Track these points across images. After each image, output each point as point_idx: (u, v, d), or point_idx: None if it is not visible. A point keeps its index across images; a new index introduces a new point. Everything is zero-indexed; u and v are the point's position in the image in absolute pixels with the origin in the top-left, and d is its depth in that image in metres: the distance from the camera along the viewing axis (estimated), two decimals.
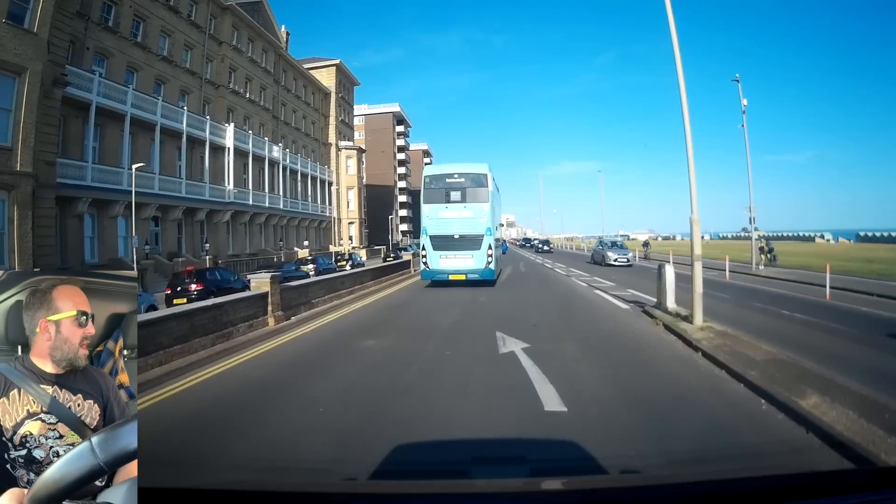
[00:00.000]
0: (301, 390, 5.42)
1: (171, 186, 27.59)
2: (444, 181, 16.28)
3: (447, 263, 15.65)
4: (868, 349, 7.08)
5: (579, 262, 28.64)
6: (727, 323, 7.96)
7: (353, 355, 7.13)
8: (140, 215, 25.97)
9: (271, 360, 7.05)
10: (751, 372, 5.13)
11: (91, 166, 22.75)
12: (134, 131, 26.14)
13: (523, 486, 1.58)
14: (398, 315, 11.22)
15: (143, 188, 25.49)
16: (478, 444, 3.75)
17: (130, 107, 25.47)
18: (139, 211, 25.81)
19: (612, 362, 6.26)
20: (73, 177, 21.37)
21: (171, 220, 28.04)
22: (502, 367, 6.03)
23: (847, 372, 5.15)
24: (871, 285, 14.00)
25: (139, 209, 25.78)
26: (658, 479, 1.76)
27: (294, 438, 4.01)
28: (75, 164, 21.85)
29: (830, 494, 1.25)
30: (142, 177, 25.77)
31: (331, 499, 1.35)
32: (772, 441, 3.70)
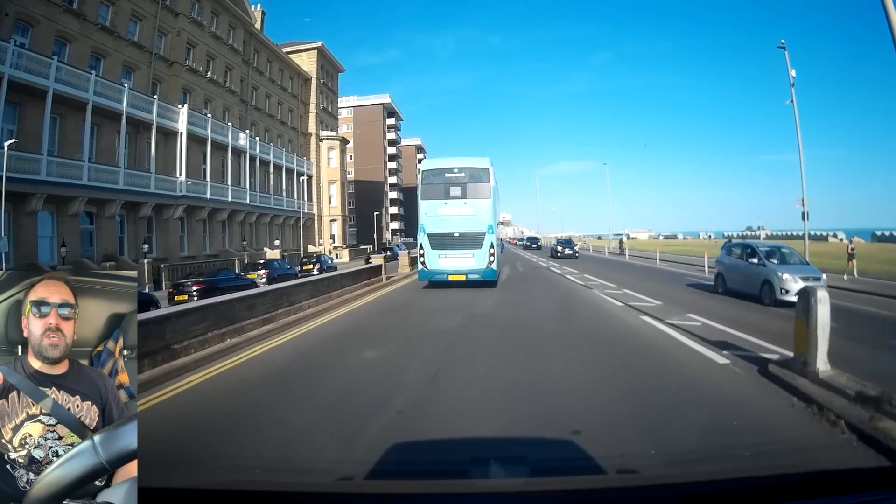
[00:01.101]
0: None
1: (106, 176, 23.31)
2: (442, 176, 15.44)
3: (446, 263, 14.90)
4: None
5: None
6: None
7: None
8: (66, 211, 21.85)
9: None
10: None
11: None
12: (61, 111, 22.01)
13: (523, 486, 1.59)
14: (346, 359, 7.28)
15: (66, 178, 21.32)
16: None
17: (55, 82, 21.21)
18: (64, 206, 21.69)
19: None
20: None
21: (107, 216, 23.77)
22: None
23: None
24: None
25: (64, 204, 21.66)
26: (658, 478, 1.68)
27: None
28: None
29: (830, 494, 1.25)
30: (67, 165, 21.64)
31: (331, 498, 1.36)
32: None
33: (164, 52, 28.62)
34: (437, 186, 15.38)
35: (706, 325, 8.38)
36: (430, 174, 15.69)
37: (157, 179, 25.77)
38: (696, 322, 8.70)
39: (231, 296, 8.39)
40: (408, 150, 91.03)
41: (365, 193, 71.62)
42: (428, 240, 15.11)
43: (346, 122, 74.13)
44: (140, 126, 25.72)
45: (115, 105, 24.05)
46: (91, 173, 22.69)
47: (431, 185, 15.45)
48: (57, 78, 21.23)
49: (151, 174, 25.40)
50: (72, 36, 23.38)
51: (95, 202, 23.14)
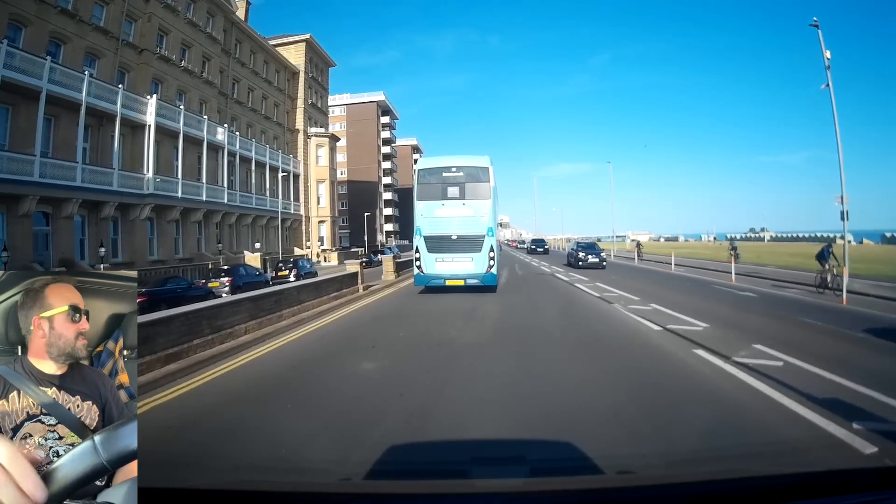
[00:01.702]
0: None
1: (63, 173, 21.10)
2: (440, 175, 14.67)
3: (444, 267, 14.25)
4: None
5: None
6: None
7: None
8: (15, 211, 19.67)
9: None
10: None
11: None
12: (12, 101, 19.89)
13: (523, 486, 1.57)
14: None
15: (16, 174, 19.14)
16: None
17: (4, 69, 19.07)
18: (14, 205, 19.52)
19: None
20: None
21: (63, 216, 21.56)
22: None
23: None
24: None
25: (14, 203, 19.48)
26: (658, 478, 1.69)
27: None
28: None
29: (830, 494, 1.25)
30: (17, 160, 19.46)
31: (331, 498, 1.36)
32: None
33: (133, 38, 26.44)
34: (433, 186, 14.67)
35: (791, 367, 5.82)
36: (427, 173, 14.95)
37: (122, 176, 23.52)
38: (775, 361, 6.08)
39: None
40: (403, 151, 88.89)
41: (358, 194, 69.48)
42: (424, 242, 14.45)
43: (339, 120, 71.98)
44: (104, 118, 23.52)
45: (75, 94, 21.87)
46: (45, 169, 20.50)
47: (428, 185, 14.74)
48: (8, 65, 19.08)
49: (114, 170, 23.16)
50: (27, 20, 21.24)
51: (51, 201, 20.97)
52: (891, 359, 6.55)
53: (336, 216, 47.37)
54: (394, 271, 19.10)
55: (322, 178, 44.23)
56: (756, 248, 44.78)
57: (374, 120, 74.11)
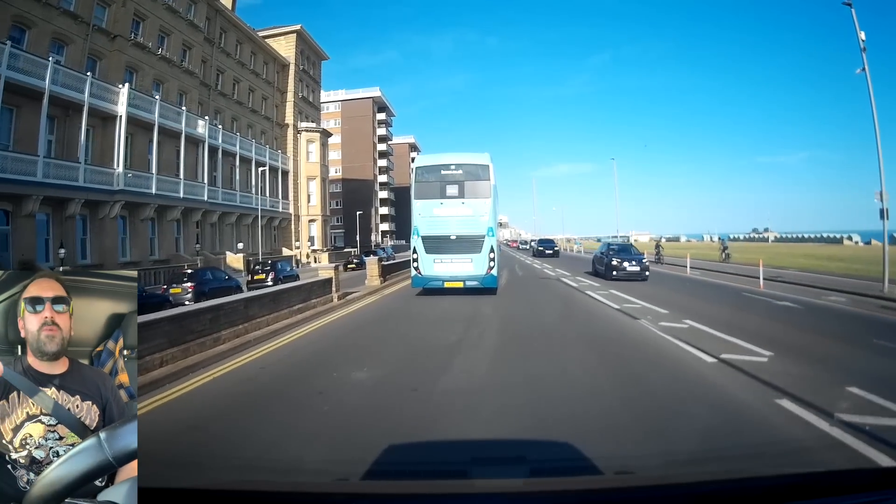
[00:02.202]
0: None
1: (22, 167, 19.44)
2: (438, 173, 14.18)
3: (442, 269, 13.85)
4: None
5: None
6: None
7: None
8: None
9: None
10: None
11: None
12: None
13: (523, 486, 1.55)
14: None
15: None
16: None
17: None
18: None
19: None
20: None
21: (24, 215, 19.90)
22: None
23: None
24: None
25: None
26: (658, 478, 1.61)
27: None
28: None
29: (830, 494, 1.24)
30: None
31: (331, 499, 1.34)
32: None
33: (106, 24, 24.74)
34: (432, 184, 14.17)
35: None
36: (425, 171, 14.41)
37: (89, 171, 21.85)
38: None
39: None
40: (400, 149, 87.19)
41: (354, 192, 67.86)
42: (422, 243, 13.98)
43: (334, 116, 70.30)
44: (70, 108, 21.85)
45: (38, 83, 20.21)
46: (4, 163, 18.88)
47: (426, 183, 14.23)
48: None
49: (80, 164, 21.48)
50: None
51: (10, 198, 19.33)
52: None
53: (328, 215, 45.71)
54: (379, 276, 17.34)
55: (313, 175, 42.54)
56: (763, 249, 43.14)
57: (369, 116, 72.40)
